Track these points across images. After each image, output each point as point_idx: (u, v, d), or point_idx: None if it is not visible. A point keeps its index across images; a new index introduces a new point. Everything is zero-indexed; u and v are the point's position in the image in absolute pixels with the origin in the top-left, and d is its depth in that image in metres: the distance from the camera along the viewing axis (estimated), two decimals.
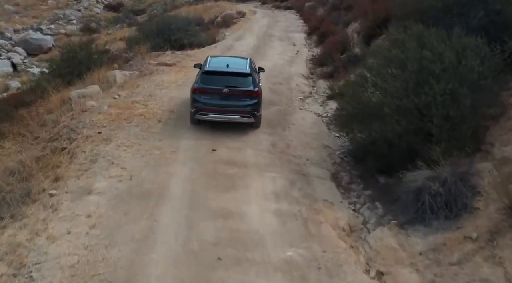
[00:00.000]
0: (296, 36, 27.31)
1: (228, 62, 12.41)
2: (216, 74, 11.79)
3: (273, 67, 18.81)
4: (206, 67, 12.23)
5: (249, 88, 11.65)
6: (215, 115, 11.49)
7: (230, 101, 11.51)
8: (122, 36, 52.82)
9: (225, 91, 11.46)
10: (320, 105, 15.30)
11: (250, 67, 12.35)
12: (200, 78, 11.88)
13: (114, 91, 14.82)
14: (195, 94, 11.67)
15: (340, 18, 26.62)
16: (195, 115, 11.69)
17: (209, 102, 11.45)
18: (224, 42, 24.20)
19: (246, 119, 11.67)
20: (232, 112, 11.51)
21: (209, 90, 11.53)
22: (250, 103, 11.55)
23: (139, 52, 20.27)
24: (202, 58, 19.91)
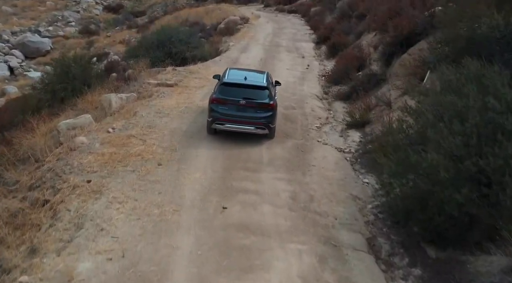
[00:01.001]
0: (304, 46, 25.30)
1: (246, 75, 12.42)
2: (234, 86, 11.82)
3: (285, 86, 16.80)
4: (225, 78, 12.22)
5: (265, 101, 11.67)
6: (231, 125, 11.55)
7: (246, 113, 11.56)
8: (122, 39, 50.92)
9: (242, 103, 11.51)
10: (340, 135, 13.35)
11: (267, 81, 12.32)
12: (219, 89, 11.89)
13: (108, 121, 12.83)
14: (213, 104, 11.73)
15: (351, 28, 24.64)
16: (212, 124, 11.75)
17: (226, 112, 11.49)
18: (228, 54, 22.18)
19: (261, 131, 11.70)
20: (247, 123, 11.55)
21: (227, 101, 11.57)
22: (265, 115, 11.61)
23: (137, 70, 18.24)
24: (206, 75, 18.01)
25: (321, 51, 24.30)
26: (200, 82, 17.08)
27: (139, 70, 18.04)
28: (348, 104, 15.77)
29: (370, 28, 21.72)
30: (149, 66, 19.38)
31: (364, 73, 17.48)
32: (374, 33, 20.87)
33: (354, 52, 20.23)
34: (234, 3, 51.91)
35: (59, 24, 55.33)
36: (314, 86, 17.74)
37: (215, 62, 20.41)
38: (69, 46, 52.41)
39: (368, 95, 15.58)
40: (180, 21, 46.89)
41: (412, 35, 15.63)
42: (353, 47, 21.79)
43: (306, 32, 29.63)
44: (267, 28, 31.36)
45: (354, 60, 18.45)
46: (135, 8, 58.81)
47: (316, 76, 19.26)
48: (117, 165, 10.31)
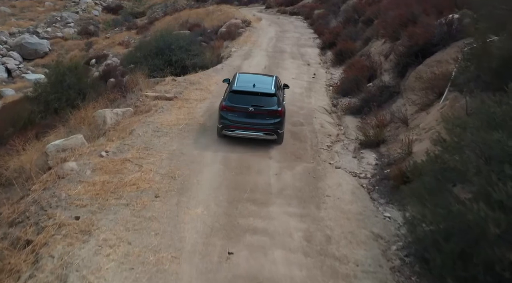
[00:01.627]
0: (309, 51, 24.07)
1: (255, 81, 12.40)
2: (243, 93, 11.87)
3: (291, 98, 15.64)
4: (234, 86, 12.22)
5: (273, 108, 11.71)
6: (240, 131, 11.69)
7: (255, 119, 11.67)
8: (121, 40, 49.66)
9: (250, 110, 11.64)
10: (353, 155, 12.15)
11: (275, 86, 12.28)
12: (228, 97, 11.96)
13: (101, 143, 11.61)
14: (223, 111, 11.83)
15: (357, 33, 23.41)
16: (222, 130, 11.88)
17: (236, 119, 11.63)
18: (230, 62, 20.95)
19: (269, 137, 11.79)
20: (256, 129, 11.66)
21: (236, 109, 11.68)
22: (273, 121, 11.66)
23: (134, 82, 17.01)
24: (207, 86, 16.80)
25: (327, 57, 23.07)
26: (201, 94, 15.87)
27: (136, 82, 16.77)
28: (359, 119, 14.57)
29: (379, 35, 20.49)
30: (147, 76, 18.18)
31: (375, 84, 16.27)
32: (383, 40, 19.66)
33: (363, 61, 19.03)
34: (235, 4, 50.66)
35: (57, 25, 54.04)
36: (322, 98, 16.53)
37: (216, 71, 19.19)
38: (67, 48, 51.22)
39: (381, 110, 14.39)
40: (180, 23, 45.79)
41: (428, 45, 14.43)
42: (360, 54, 20.59)
43: (310, 36, 28.39)
44: (270, 31, 30.12)
45: (364, 70, 17.23)
46: (134, 9, 57.55)
47: (323, 86, 18.04)
48: (110, 197, 9.12)
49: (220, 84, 17.17)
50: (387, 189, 10.13)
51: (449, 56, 13.69)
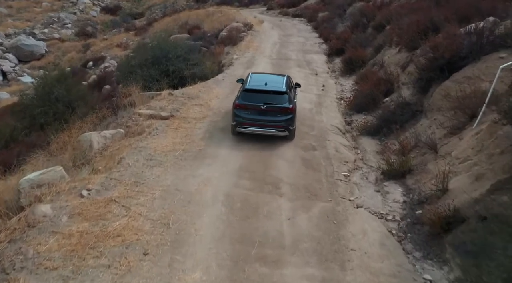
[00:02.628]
0: (315, 59, 22.19)
1: (267, 80, 12.46)
2: (256, 91, 11.98)
3: (301, 115, 13.81)
4: (247, 85, 12.38)
5: (284, 105, 11.80)
6: (253, 128, 11.80)
7: (267, 116, 11.76)
8: (119, 42, 47.75)
9: (263, 108, 11.72)
10: (375, 189, 10.33)
11: (287, 85, 12.38)
12: (241, 95, 12.12)
13: (84, 177, 9.74)
14: (236, 109, 11.97)
15: (367, 39, 21.54)
16: (236, 128, 12.01)
17: (249, 117, 11.77)
18: (232, 71, 19.09)
19: (281, 133, 11.88)
20: (269, 126, 11.76)
21: (249, 106, 11.80)
22: (285, 118, 11.79)
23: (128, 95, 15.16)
24: (207, 101, 14.97)
25: (335, 65, 21.21)
26: (200, 112, 14.03)
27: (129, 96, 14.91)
28: (378, 141, 12.74)
29: (392, 42, 18.63)
30: (142, 88, 16.33)
31: (393, 100, 14.42)
32: (397, 48, 17.80)
33: (377, 72, 17.19)
34: (235, 5, 48.74)
35: (54, 26, 52.13)
36: (334, 115, 14.68)
37: (217, 82, 17.33)
38: (64, 49, 49.30)
39: (403, 131, 12.58)
40: (179, 24, 44.01)
41: (456, 58, 12.60)
42: (373, 63, 18.74)
43: (315, 41, 26.50)
44: (273, 35, 28.23)
45: (379, 83, 15.38)
46: (133, 9, 55.60)
47: (334, 100, 16.19)
48: (88, 254, 7.29)
49: (222, 98, 15.38)
50: (422, 238, 8.33)
51: (481, 71, 11.87)
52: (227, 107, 14.56)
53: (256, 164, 10.76)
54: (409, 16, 19.08)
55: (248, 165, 10.70)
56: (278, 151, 11.58)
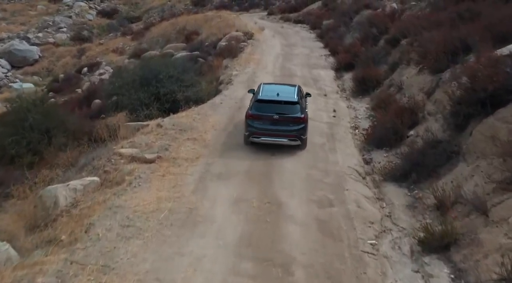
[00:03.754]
0: (322, 75, 19.72)
1: (279, 91, 12.36)
2: (268, 102, 11.86)
3: (311, 154, 11.49)
4: (259, 95, 12.23)
5: (296, 115, 11.69)
6: (266, 138, 11.63)
7: (279, 126, 11.64)
8: (115, 47, 45.21)
9: (275, 118, 11.60)
10: (414, 269, 7.89)
11: (298, 95, 12.28)
12: (254, 105, 11.97)
13: (36, 262, 7.26)
14: (249, 119, 11.81)
15: (380, 54, 19.05)
16: (249, 138, 11.79)
17: (261, 127, 11.63)
18: (231, 92, 16.62)
19: (294, 142, 11.70)
20: (281, 135, 11.62)
21: (261, 117, 11.67)
22: (297, 128, 11.65)
23: (110, 126, 12.69)
24: (203, 133, 12.52)
25: (345, 83, 18.76)
26: (193, 150, 11.58)
27: (111, 130, 12.45)
28: (407, 190, 10.30)
29: (411, 61, 16.18)
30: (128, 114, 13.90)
31: (419, 134, 11.98)
32: (417, 67, 15.34)
33: (395, 96, 14.75)
34: (235, 9, 46.21)
35: (49, 30, 49.59)
36: (351, 152, 12.24)
37: (214, 107, 14.87)
38: (59, 55, 46.71)
39: (437, 177, 10.17)
40: (177, 29, 41.56)
41: (501, 91, 10.16)
42: (389, 84, 16.26)
43: (321, 53, 24.01)
44: (275, 46, 25.73)
45: (401, 112, 12.92)
46: (130, 13, 53.02)
47: (348, 131, 13.74)
48: None
49: (219, 130, 12.96)
50: None
51: None
52: (225, 142, 12.14)
53: (261, 232, 8.32)
54: (429, 31, 16.62)
55: (251, 233, 8.26)
56: (287, 209, 9.14)
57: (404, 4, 25.49)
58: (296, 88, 12.78)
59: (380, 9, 26.76)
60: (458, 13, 17.24)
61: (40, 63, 45.11)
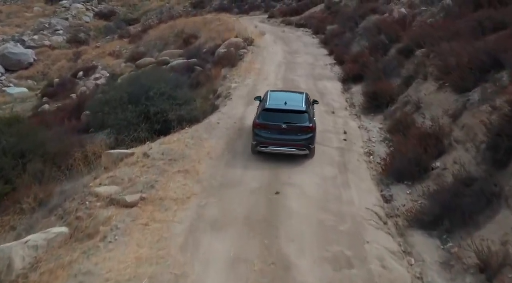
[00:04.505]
0: (328, 88, 17.81)
1: (286, 99, 11.84)
2: (275, 111, 11.39)
3: (320, 194, 9.62)
4: (267, 104, 11.71)
5: (304, 124, 11.26)
6: (274, 148, 11.13)
7: (287, 135, 11.18)
8: (112, 50, 43.25)
9: (283, 127, 11.17)
10: None
11: (306, 104, 11.82)
12: (261, 114, 11.49)
13: None
14: (256, 128, 11.36)
15: (391, 65, 17.12)
16: (256, 147, 11.32)
17: (269, 136, 11.19)
18: (230, 108, 14.72)
19: (302, 152, 11.20)
20: (289, 145, 11.12)
21: (269, 126, 11.23)
22: (305, 137, 11.21)
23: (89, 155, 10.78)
24: (196, 164, 10.61)
25: (353, 96, 16.85)
26: (185, 186, 9.68)
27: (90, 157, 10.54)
28: (439, 242, 8.41)
29: (429, 75, 14.31)
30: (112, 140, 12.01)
31: (447, 166, 10.12)
32: (436, 83, 13.47)
33: (413, 116, 12.87)
34: (235, 12, 44.20)
35: (45, 33, 47.55)
36: (367, 187, 10.34)
37: (210, 129, 12.97)
38: (54, 58, 44.65)
39: (476, 227, 8.29)
40: (175, 32, 39.68)
41: None
42: (404, 101, 14.35)
43: (326, 61, 22.07)
44: (276, 52, 23.80)
45: (423, 138, 11.03)
46: (128, 15, 50.96)
47: (361, 157, 11.84)
48: None
49: (215, 158, 11.09)
50: None
51: None
52: (221, 175, 10.25)
53: None
54: (448, 41, 14.73)
55: None
56: (297, 274, 7.25)
57: (413, 9, 23.58)
58: (304, 96, 12.34)
59: (387, 14, 24.87)
60: (478, 22, 15.37)
61: (35, 67, 43.14)
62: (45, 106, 33.35)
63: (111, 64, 40.82)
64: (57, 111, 29.49)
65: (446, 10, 19.64)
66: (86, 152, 11.18)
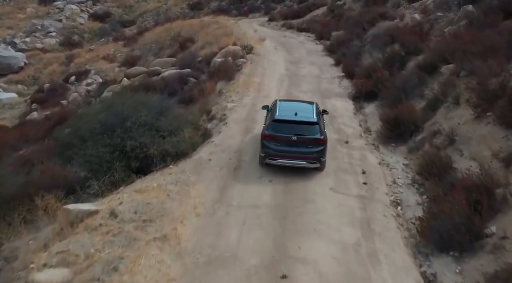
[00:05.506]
0: (338, 107, 15.11)
1: (296, 109, 11.00)
2: (285, 122, 10.55)
3: (342, 267, 6.96)
4: (276, 114, 10.79)
5: (316, 136, 10.45)
6: (283, 160, 10.36)
7: (298, 148, 10.42)
8: (106, 54, 40.51)
9: (293, 139, 10.38)
10: None
11: (317, 115, 11.01)
12: (270, 125, 10.69)
13: None
14: (265, 140, 10.57)
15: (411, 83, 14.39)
16: (265, 159, 10.50)
17: (278, 148, 10.41)
18: (224, 138, 12.03)
19: (312, 165, 10.40)
20: (299, 158, 10.35)
21: (279, 138, 10.44)
22: (316, 150, 10.38)
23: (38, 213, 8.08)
24: (177, 220, 7.93)
25: (367, 118, 14.20)
26: (161, 264, 7.00)
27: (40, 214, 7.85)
28: None
29: (462, 98, 11.63)
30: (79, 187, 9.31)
31: (507, 233, 7.47)
32: (474, 111, 10.77)
33: (446, 151, 10.18)
34: (233, 14, 41.42)
35: (37, 35, 44.77)
36: (400, 260, 7.65)
37: (200, 168, 10.29)
38: (46, 61, 41.78)
39: None
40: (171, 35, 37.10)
41: None
42: (432, 131, 11.62)
43: (333, 73, 19.36)
44: (278, 62, 21.08)
45: (470, 191, 8.35)
46: (124, 16, 48.08)
47: (388, 211, 9.15)
48: None
49: (205, 215, 8.44)
50: None
51: None
52: (211, 246, 7.57)
53: None
54: (482, 58, 12.04)
55: None
56: None
57: (427, 15, 20.85)
58: (314, 106, 11.54)
59: (398, 20, 22.15)
60: None
61: (26, 71, 40.35)
62: (33, 113, 30.70)
63: (105, 68, 38.11)
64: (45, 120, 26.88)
65: (469, 18, 16.91)
66: (40, 201, 8.46)
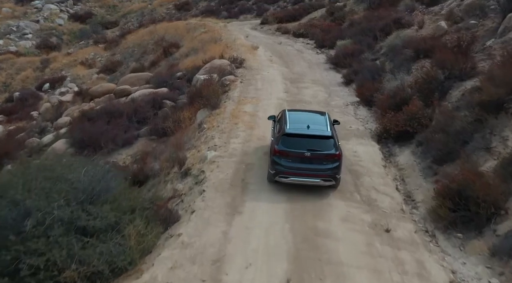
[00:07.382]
0: (361, 155, 10.40)
1: (307, 121, 9.48)
2: (297, 136, 9.12)
3: None
4: (287, 128, 9.26)
5: (331, 152, 9.01)
6: (295, 178, 8.93)
7: (311, 165, 8.95)
8: (85, 58, 35.31)
9: (307, 155, 8.90)
10: None
11: (331, 128, 9.48)
12: (281, 140, 9.17)
13: None
14: (276, 156, 9.05)
15: (437, 104, 9.73)
16: (275, 177, 9.03)
17: (290, 165, 8.93)
18: (199, 224, 7.18)
19: (327, 183, 8.99)
20: (313, 175, 8.89)
21: (290, 153, 8.97)
22: (331, 166, 8.93)
23: None
24: None
25: (405, 177, 9.52)
26: None
27: None
28: None
29: None
30: None
31: None
32: None
33: None
34: (223, 15, 36.32)
35: (12, 37, 39.32)
36: None
37: None
38: (19, 66, 36.27)
39: None
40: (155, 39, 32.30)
41: None
42: None
43: (344, 96, 14.63)
44: (274, 79, 16.32)
45: None
46: (106, 17, 42.69)
47: None
48: None
49: None
50: None
51: None
52: None
53: None
54: None
55: None
56: None
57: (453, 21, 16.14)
58: (326, 118, 9.82)
59: (416, 27, 17.49)
60: None
61: None
62: None
63: (82, 75, 33.05)
64: (7, 137, 21.94)
65: None
66: None
